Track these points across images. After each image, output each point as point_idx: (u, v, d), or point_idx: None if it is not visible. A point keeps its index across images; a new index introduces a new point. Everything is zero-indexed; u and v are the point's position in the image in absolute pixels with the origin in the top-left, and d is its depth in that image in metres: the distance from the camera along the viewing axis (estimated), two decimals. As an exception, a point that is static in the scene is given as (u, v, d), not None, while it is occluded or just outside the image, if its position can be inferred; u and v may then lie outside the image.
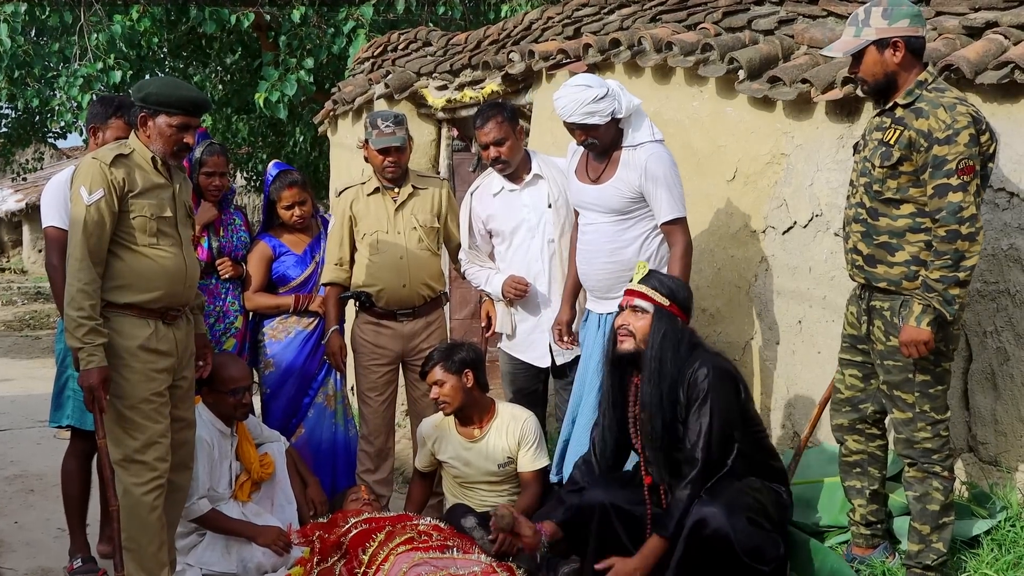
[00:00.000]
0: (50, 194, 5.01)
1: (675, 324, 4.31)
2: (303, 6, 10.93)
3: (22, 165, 20.45)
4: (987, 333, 4.48)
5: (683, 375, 4.22)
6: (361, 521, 4.88)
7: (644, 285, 4.37)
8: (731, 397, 4.23)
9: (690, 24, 5.90)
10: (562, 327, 5.17)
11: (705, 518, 4.03)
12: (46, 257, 5.08)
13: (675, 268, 4.75)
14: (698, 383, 4.18)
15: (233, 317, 5.72)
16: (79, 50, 10.79)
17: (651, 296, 4.33)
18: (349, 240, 5.64)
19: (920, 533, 4.12)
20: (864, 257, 4.11)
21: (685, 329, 4.35)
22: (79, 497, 5.30)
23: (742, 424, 4.28)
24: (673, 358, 4.24)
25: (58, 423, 5.25)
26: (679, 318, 4.34)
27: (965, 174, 3.81)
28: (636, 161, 4.76)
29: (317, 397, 5.86)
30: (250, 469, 5.29)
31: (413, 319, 5.64)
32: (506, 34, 7.24)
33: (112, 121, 5.05)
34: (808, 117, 5.09)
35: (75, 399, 5.05)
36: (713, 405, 4.15)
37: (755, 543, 4.05)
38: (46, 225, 5.00)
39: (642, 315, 4.33)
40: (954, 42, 4.68)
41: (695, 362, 4.23)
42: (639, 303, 4.35)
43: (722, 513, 4.02)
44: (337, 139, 9.01)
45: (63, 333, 5.03)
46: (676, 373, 4.23)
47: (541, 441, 5.29)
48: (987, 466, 4.53)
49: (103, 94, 10.42)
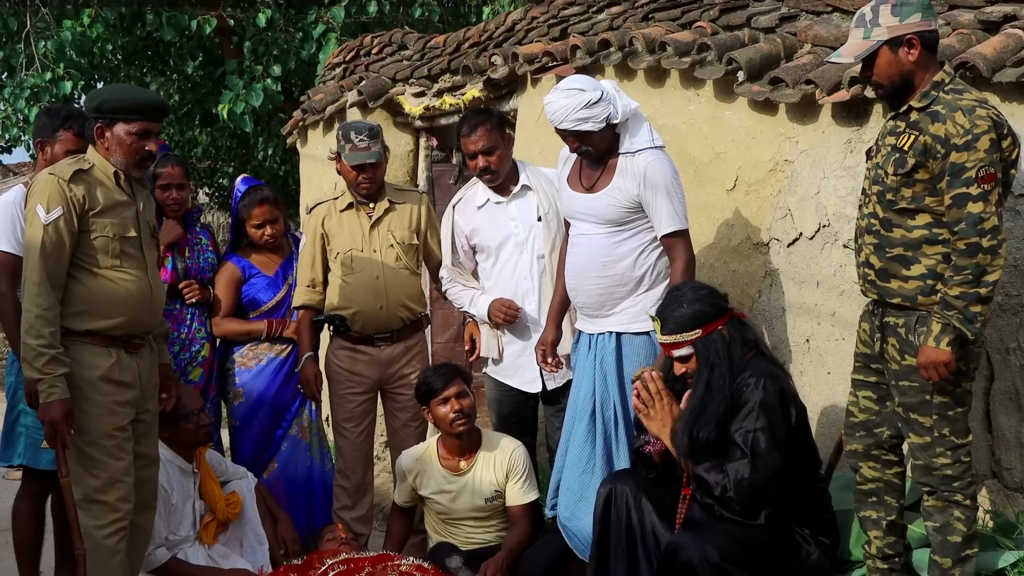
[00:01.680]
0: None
1: (719, 347, 4.27)
2: (269, 9, 10.91)
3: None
4: (1010, 350, 4.49)
5: (733, 388, 4.23)
6: (339, 562, 4.86)
7: (669, 335, 4.32)
8: (778, 415, 4.20)
9: (685, 23, 5.92)
10: (547, 347, 5.12)
11: (678, 546, 4.10)
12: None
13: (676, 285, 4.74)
14: (743, 393, 4.19)
15: (199, 345, 5.68)
16: (25, 59, 10.75)
17: (682, 341, 4.30)
18: (322, 260, 5.61)
19: (941, 567, 4.10)
20: (877, 271, 4.11)
21: (732, 336, 4.30)
22: (32, 542, 5.23)
23: (791, 452, 4.25)
24: (727, 382, 4.23)
25: (8, 462, 5.17)
26: (718, 329, 4.30)
27: (986, 182, 3.80)
28: (634, 168, 4.73)
29: (291, 429, 5.83)
30: (215, 509, 5.26)
31: (391, 344, 5.61)
32: (487, 36, 7.25)
33: (60, 134, 5.00)
34: (813, 121, 5.10)
35: (27, 436, 5.00)
36: (759, 418, 4.15)
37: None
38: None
39: (688, 359, 4.32)
40: (969, 38, 4.70)
41: (746, 372, 4.24)
42: (677, 353, 4.33)
43: (696, 546, 4.06)
44: (307, 151, 9.00)
45: (13, 364, 5.00)
46: (729, 395, 4.23)
47: (531, 473, 5.27)
48: (1013, 493, 4.53)
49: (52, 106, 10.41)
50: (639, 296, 4.83)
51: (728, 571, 4.08)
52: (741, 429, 4.17)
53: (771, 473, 4.15)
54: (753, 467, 4.13)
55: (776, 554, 4.24)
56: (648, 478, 4.51)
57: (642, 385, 4.37)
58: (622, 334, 4.85)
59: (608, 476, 4.63)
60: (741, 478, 4.13)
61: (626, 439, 4.77)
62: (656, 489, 4.47)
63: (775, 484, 4.17)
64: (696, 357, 4.28)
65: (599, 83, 4.75)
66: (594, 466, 4.81)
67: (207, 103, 13.31)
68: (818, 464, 4.50)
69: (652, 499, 4.42)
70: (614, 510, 4.45)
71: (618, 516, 4.44)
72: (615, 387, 4.82)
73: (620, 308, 4.84)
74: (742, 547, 4.13)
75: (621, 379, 4.82)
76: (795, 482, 4.27)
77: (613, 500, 4.46)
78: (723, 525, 4.22)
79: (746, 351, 4.32)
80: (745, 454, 4.14)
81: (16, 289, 4.83)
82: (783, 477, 4.19)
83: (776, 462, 4.15)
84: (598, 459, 4.81)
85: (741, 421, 4.17)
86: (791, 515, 4.29)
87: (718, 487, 4.16)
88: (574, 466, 4.86)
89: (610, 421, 4.82)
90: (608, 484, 4.52)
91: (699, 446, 4.20)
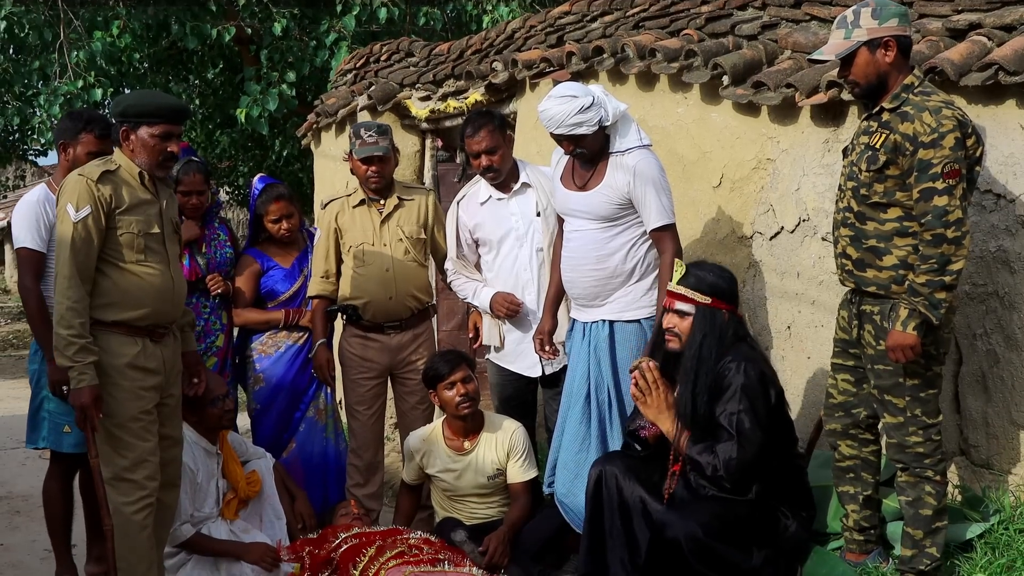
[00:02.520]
0: (20, 214, 4.97)
1: (717, 322, 4.30)
2: (284, 19, 10.91)
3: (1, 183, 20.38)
4: (977, 336, 4.49)
5: (715, 369, 4.24)
6: (351, 536, 4.88)
7: (683, 286, 4.35)
8: (759, 397, 4.22)
9: (673, 30, 5.91)
10: (544, 336, 5.14)
11: (664, 524, 4.14)
12: (19, 279, 5.04)
13: (665, 276, 4.74)
14: (725, 377, 4.20)
15: (215, 336, 5.70)
16: (59, 68, 10.75)
17: (691, 297, 4.32)
18: (335, 252, 5.63)
19: (913, 538, 4.12)
20: (853, 261, 4.12)
21: (729, 323, 4.33)
22: (63, 518, 5.25)
23: (772, 431, 4.26)
24: (714, 357, 4.26)
25: (34, 444, 5.18)
26: (723, 311, 4.33)
27: (951, 178, 3.82)
28: (625, 166, 4.73)
29: (308, 411, 5.84)
30: (236, 487, 5.27)
31: (400, 331, 5.63)
32: (489, 44, 7.25)
33: (82, 136, 5.00)
34: (793, 122, 5.10)
35: (50, 420, 5.00)
36: (742, 400, 4.16)
37: (717, 555, 4.10)
38: (18, 246, 4.96)
39: (685, 316, 4.34)
40: (938, 44, 4.70)
41: (727, 357, 4.24)
42: (680, 306, 4.35)
43: (681, 524, 4.09)
44: (320, 151, 9.00)
45: (36, 354, 5.02)
46: (714, 370, 4.24)
47: (530, 452, 5.28)
48: (979, 469, 4.53)
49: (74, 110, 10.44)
50: (631, 287, 4.84)
51: (711, 545, 4.10)
52: (726, 412, 4.18)
53: (756, 451, 4.17)
54: (740, 446, 4.14)
55: (756, 527, 4.25)
56: (635, 457, 4.53)
57: (640, 375, 4.38)
58: (615, 322, 4.85)
59: (597, 459, 4.64)
60: (730, 458, 4.14)
61: (619, 420, 4.78)
62: (644, 467, 4.49)
63: (759, 460, 4.19)
64: (694, 320, 4.30)
65: (589, 88, 4.74)
66: (589, 445, 4.82)
67: (227, 107, 13.31)
68: (795, 442, 4.52)
69: (640, 477, 4.43)
70: (605, 490, 4.47)
71: (609, 495, 4.45)
72: (609, 371, 4.82)
73: (613, 298, 4.85)
74: (723, 522, 4.15)
75: (614, 364, 4.83)
76: (775, 458, 4.29)
77: (604, 480, 4.48)
78: (706, 503, 4.24)
79: (734, 341, 4.33)
80: (732, 435, 4.16)
81: (39, 283, 4.86)
82: (766, 453, 4.21)
83: (760, 439, 4.17)
84: (592, 439, 4.82)
85: (725, 404, 4.19)
86: (770, 490, 4.30)
87: (709, 467, 4.18)
88: (570, 446, 4.87)
89: (604, 403, 4.83)
90: (598, 466, 4.54)
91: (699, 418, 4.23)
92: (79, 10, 11.03)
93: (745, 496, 4.24)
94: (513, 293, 5.34)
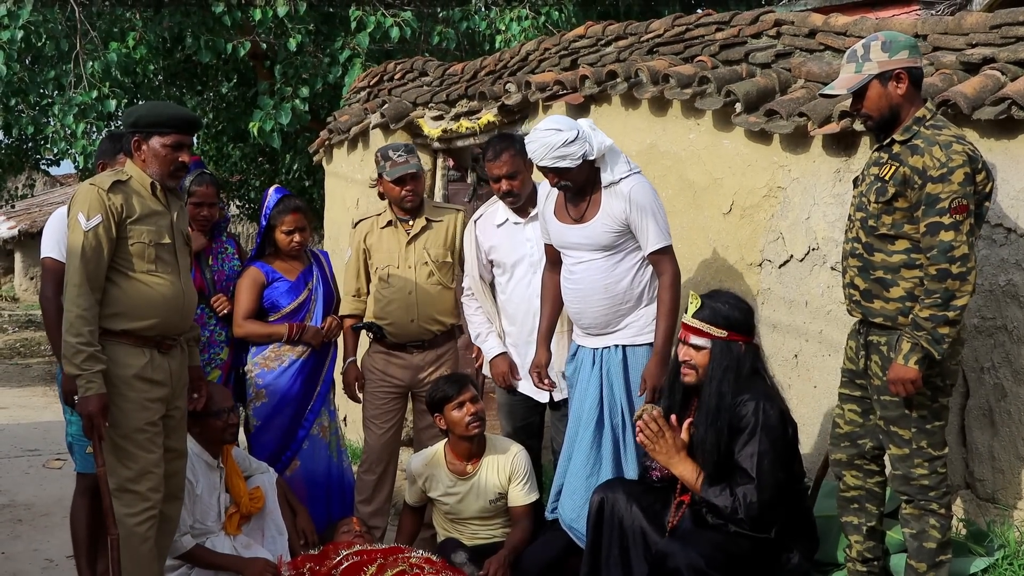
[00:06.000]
0: (52, 226, 5.01)
1: (734, 356, 4.29)
2: (299, 35, 10.95)
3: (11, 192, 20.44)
4: (984, 369, 4.49)
5: (732, 405, 4.23)
6: (352, 553, 4.86)
7: (698, 319, 4.35)
8: (779, 439, 4.21)
9: (687, 57, 5.93)
10: (541, 370, 5.16)
11: (666, 554, 4.12)
12: (41, 288, 5.06)
13: (665, 297, 4.76)
14: (743, 417, 4.19)
15: (219, 348, 5.70)
16: (74, 78, 10.80)
17: (707, 331, 4.32)
18: (364, 271, 5.73)
19: (917, 571, 4.10)
20: (861, 292, 4.12)
21: (746, 355, 4.33)
22: (87, 538, 5.13)
23: (788, 468, 4.26)
24: (732, 392, 4.25)
25: (80, 470, 5.13)
26: (740, 343, 4.33)
27: (958, 213, 3.81)
28: (620, 194, 4.75)
29: (312, 429, 5.81)
30: (239, 502, 5.26)
31: (424, 351, 5.70)
32: (503, 65, 7.27)
33: (121, 156, 5.02)
34: (805, 151, 5.11)
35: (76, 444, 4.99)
36: (762, 441, 4.15)
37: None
38: (44, 255, 4.99)
39: (701, 349, 4.33)
40: (951, 77, 4.71)
41: (744, 395, 4.23)
42: (695, 340, 4.34)
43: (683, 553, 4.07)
44: (332, 168, 9.02)
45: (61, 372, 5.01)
46: (732, 406, 4.24)
47: (532, 475, 5.28)
48: (985, 503, 4.52)
49: (98, 123, 10.49)
50: (641, 311, 4.87)
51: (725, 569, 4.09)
52: (745, 453, 4.17)
53: (776, 492, 4.17)
54: (760, 489, 4.14)
55: (759, 559, 4.24)
56: (638, 486, 4.54)
57: (644, 424, 4.38)
58: (627, 346, 4.87)
59: (600, 485, 4.64)
60: (751, 502, 4.13)
61: (633, 442, 4.77)
62: (646, 496, 4.49)
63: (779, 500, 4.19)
64: (711, 355, 4.29)
65: (575, 123, 4.77)
66: (599, 469, 4.82)
67: (239, 121, 13.34)
68: (803, 475, 4.50)
69: (642, 505, 4.43)
70: (606, 517, 4.46)
71: (611, 523, 4.45)
72: (622, 394, 4.85)
73: (625, 323, 4.87)
74: (726, 553, 4.14)
75: (628, 386, 4.86)
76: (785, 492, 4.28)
77: (604, 507, 4.47)
78: (708, 533, 4.24)
79: (751, 374, 4.33)
80: (752, 478, 4.15)
81: (60, 295, 4.86)
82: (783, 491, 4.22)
83: (779, 481, 4.18)
84: (604, 463, 4.83)
85: (744, 445, 4.18)
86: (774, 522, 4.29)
87: (728, 509, 4.17)
88: (580, 471, 4.86)
89: (618, 426, 4.85)
90: (600, 492, 4.55)
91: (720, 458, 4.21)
92: (96, 21, 11.08)
93: (767, 535, 4.23)
94: (517, 364, 5.43)
